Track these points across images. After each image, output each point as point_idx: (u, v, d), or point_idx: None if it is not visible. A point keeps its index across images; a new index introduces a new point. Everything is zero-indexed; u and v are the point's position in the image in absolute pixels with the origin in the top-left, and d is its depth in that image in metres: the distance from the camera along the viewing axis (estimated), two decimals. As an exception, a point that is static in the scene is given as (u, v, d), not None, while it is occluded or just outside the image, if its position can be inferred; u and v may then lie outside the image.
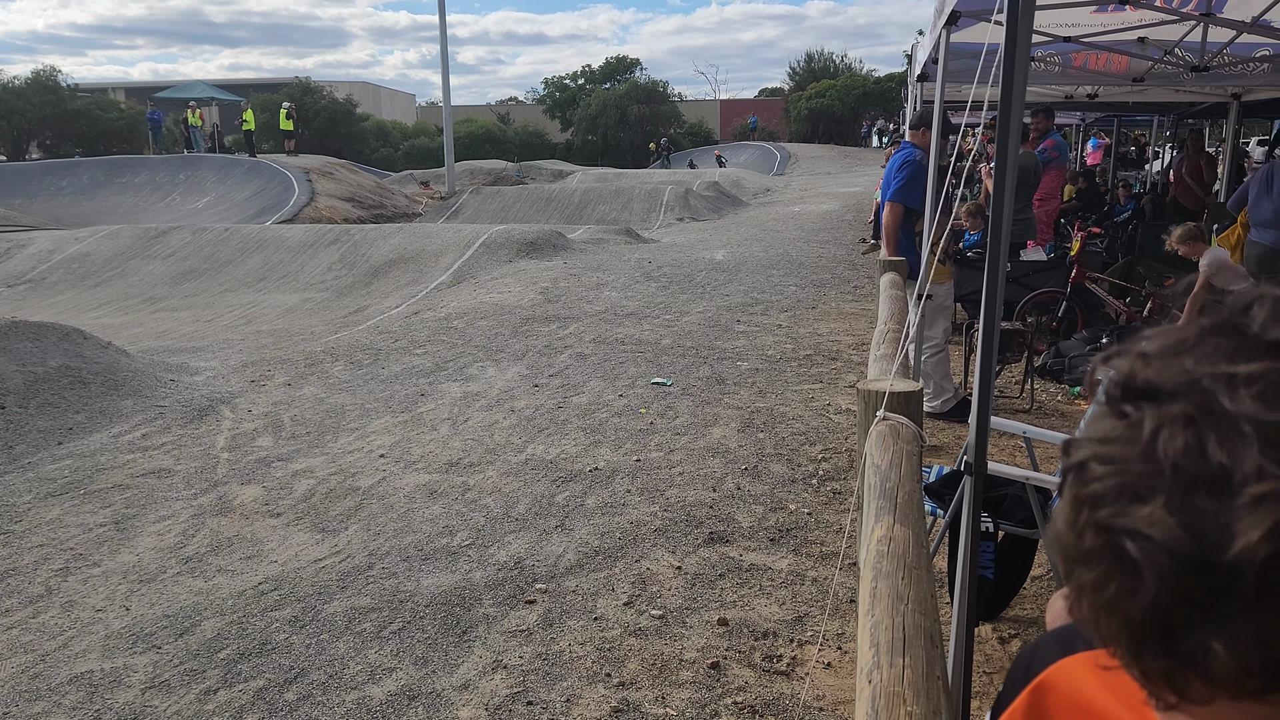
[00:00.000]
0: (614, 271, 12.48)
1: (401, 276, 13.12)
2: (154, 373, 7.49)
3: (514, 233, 14.33)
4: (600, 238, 16.26)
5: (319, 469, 5.61)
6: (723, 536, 4.51)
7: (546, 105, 61.82)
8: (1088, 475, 0.51)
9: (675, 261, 13.52)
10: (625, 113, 50.83)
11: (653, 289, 11.30)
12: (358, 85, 61.36)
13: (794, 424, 6.17)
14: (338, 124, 46.57)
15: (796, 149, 42.73)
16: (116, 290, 14.44)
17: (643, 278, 12.06)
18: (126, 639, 3.73)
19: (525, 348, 8.46)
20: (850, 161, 38.16)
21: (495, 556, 4.36)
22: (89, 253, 16.11)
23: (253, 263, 15.06)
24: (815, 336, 8.68)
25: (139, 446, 6.05)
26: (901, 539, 1.90)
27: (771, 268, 12.88)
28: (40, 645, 3.72)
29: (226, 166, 27.70)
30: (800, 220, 19.46)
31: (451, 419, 6.51)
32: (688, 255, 14.35)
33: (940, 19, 6.02)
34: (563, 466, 5.51)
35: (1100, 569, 0.50)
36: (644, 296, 10.82)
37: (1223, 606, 0.46)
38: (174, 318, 12.35)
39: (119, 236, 16.77)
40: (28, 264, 15.94)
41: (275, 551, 4.51)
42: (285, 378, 7.75)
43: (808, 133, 48.70)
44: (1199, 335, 0.51)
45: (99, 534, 4.77)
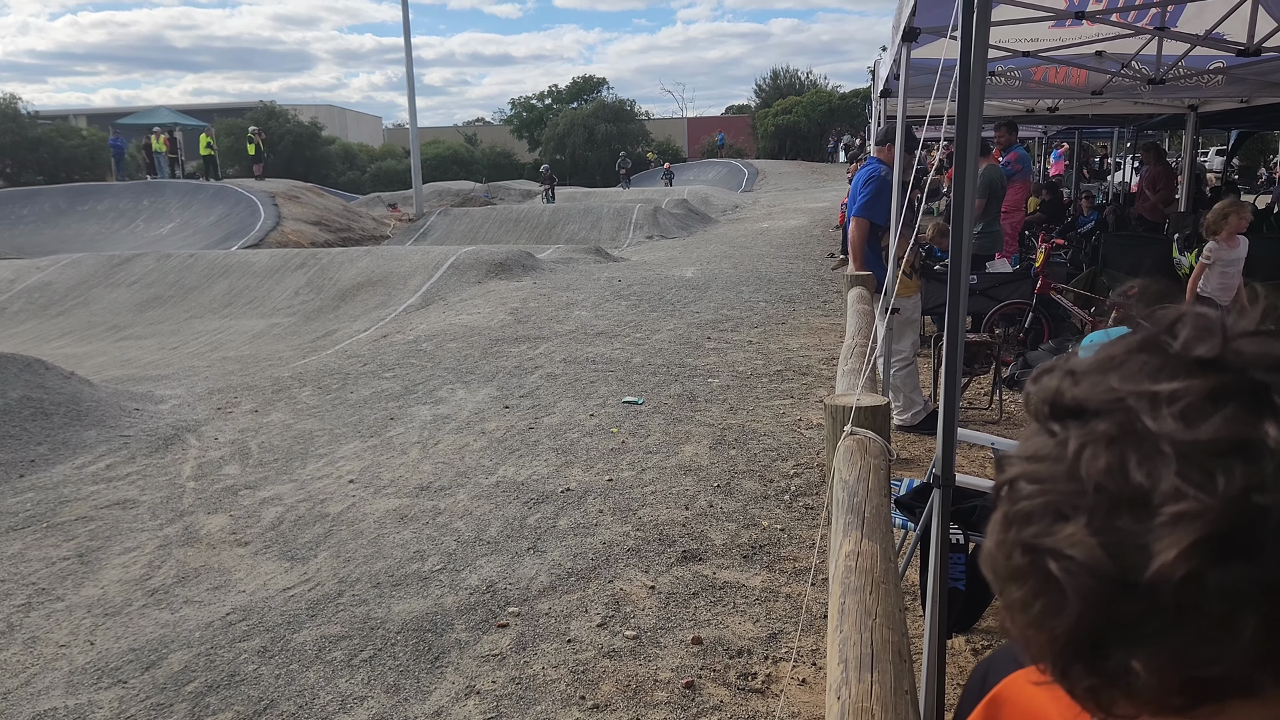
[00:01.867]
0: (584, 290, 12.48)
1: (370, 300, 13.04)
2: (118, 402, 7.39)
3: (483, 254, 14.30)
4: (570, 257, 16.26)
5: (287, 496, 5.54)
6: (696, 555, 4.50)
7: (514, 125, 61.88)
8: (1016, 494, 0.51)
9: (645, 279, 13.54)
10: (593, 132, 50.99)
11: (623, 307, 11.31)
12: (323, 108, 61.16)
13: (765, 440, 6.18)
14: (303, 147, 46.35)
15: (764, 165, 43.00)
16: (79, 319, 14.24)
17: (613, 296, 12.06)
18: (91, 674, 3.66)
19: (495, 369, 8.42)
20: (818, 177, 38.45)
21: (467, 580, 4.32)
22: (50, 281, 15.89)
23: (218, 289, 14.91)
24: (785, 352, 8.71)
25: (103, 477, 5.96)
26: (869, 554, 1.90)
27: (741, 284, 12.92)
28: (1, 683, 3.64)
29: (191, 192, 27.48)
30: (769, 236, 19.56)
31: (421, 442, 6.46)
32: (657, 273, 14.37)
33: (898, 35, 6.09)
34: (534, 488, 5.48)
35: (1026, 588, 0.50)
36: (614, 315, 10.81)
37: (1144, 625, 0.46)
38: (139, 346, 12.20)
39: (81, 265, 16.56)
40: (-12, 294, 15.69)
41: (243, 581, 4.45)
42: (252, 404, 7.66)
43: (775, 149, 49.05)
44: (1126, 353, 0.52)
45: (62, 568, 4.68)
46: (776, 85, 56.69)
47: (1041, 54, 7.12)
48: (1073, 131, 17.07)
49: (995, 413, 6.60)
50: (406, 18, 26.81)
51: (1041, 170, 19.88)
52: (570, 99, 60.29)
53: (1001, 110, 10.41)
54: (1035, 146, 19.94)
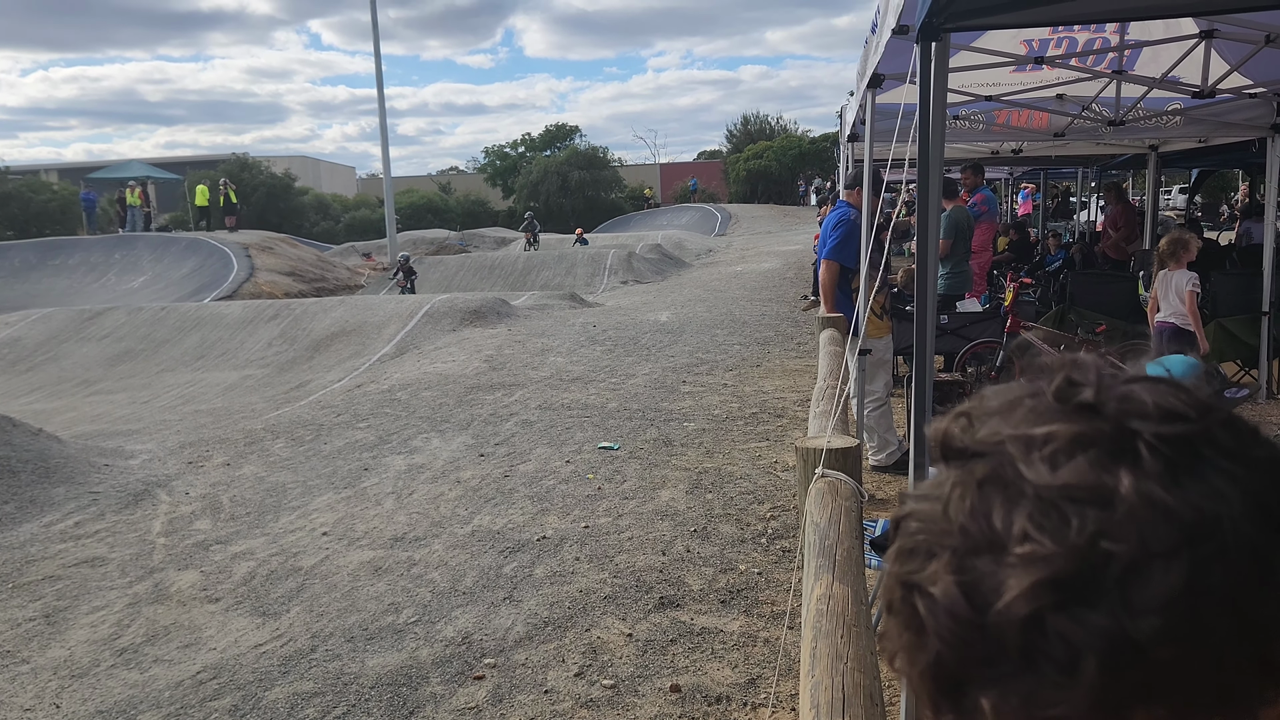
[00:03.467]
0: (559, 337, 12.49)
1: (344, 349, 12.99)
2: (87, 458, 7.29)
3: (457, 301, 14.30)
4: (544, 303, 16.29)
5: (259, 550, 5.47)
6: (673, 601, 4.48)
7: (488, 174, 62.22)
8: (903, 530, 0.52)
9: (620, 324, 13.57)
10: (566, 179, 51.32)
11: (598, 353, 11.32)
12: (296, 159, 61.24)
13: (742, 483, 6.17)
14: (277, 198, 46.30)
15: (737, 209, 43.37)
16: (49, 375, 14.09)
17: (588, 342, 12.08)
18: (55, 739, 3.58)
19: (470, 417, 8.39)
20: (790, 220, 38.83)
21: (442, 632, 4.27)
22: (20, 337, 15.73)
23: (190, 341, 14.81)
24: (760, 394, 8.74)
25: (71, 535, 5.86)
26: (840, 597, 1.90)
27: (716, 327, 12.98)
28: (-37, 751, 3.55)
29: (163, 245, 27.37)
30: (743, 279, 19.69)
31: (396, 493, 6.41)
32: (632, 318, 14.42)
33: (863, 81, 6.20)
34: (510, 536, 5.44)
35: (898, 622, 0.51)
36: (589, 360, 10.82)
37: (995, 666, 0.46)
38: (109, 400, 12.07)
39: (51, 320, 16.42)
40: (-44, 351, 15.51)
41: (214, 638, 4.37)
42: (224, 457, 7.59)
43: (747, 193, 49.53)
44: (1018, 398, 0.53)
45: (28, 629, 4.59)
46: (747, 130, 57.42)
47: (1004, 98, 7.27)
48: (1038, 172, 17.37)
49: (969, 451, 6.63)
50: (379, 70, 27.04)
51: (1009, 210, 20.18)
52: (544, 147, 60.77)
53: (967, 153, 10.59)
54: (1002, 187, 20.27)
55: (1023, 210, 21.82)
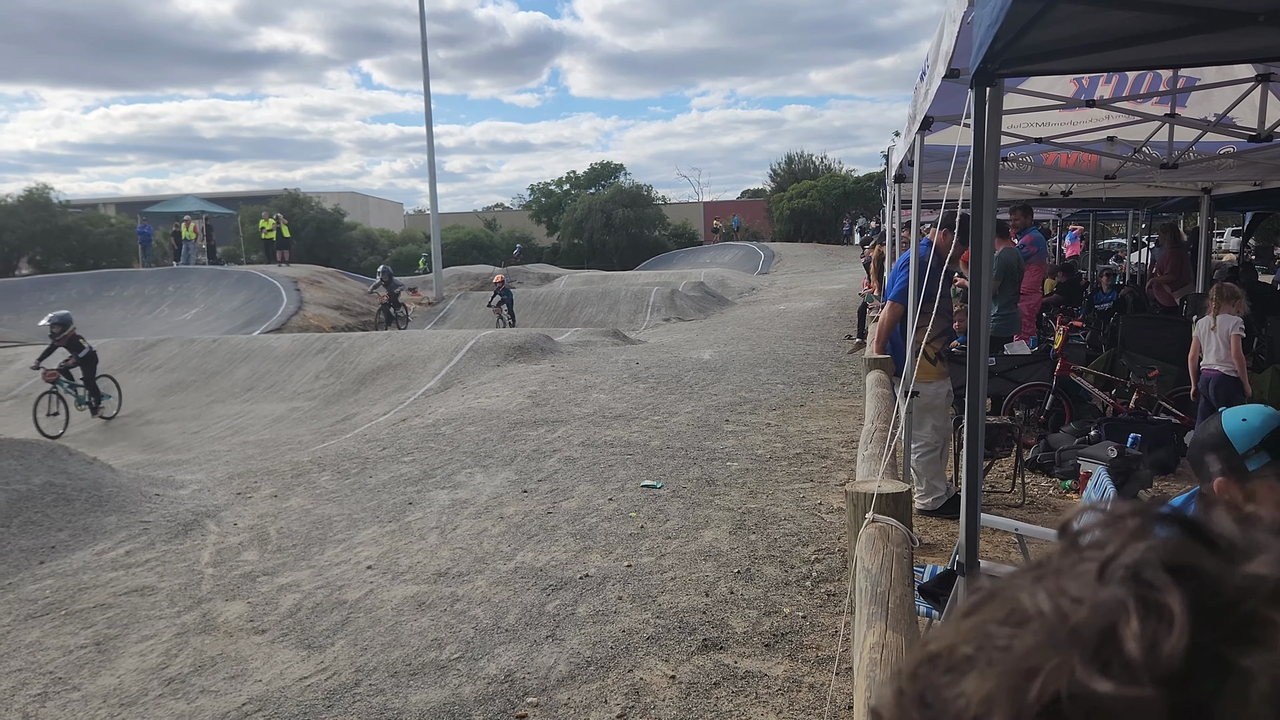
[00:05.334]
0: (602, 373, 12.53)
1: (389, 383, 13.13)
2: (139, 487, 7.42)
3: (501, 337, 14.42)
4: (588, 340, 16.37)
5: (305, 582, 5.52)
6: (717, 643, 4.43)
7: (532, 210, 62.89)
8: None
9: (663, 362, 13.59)
10: (610, 216, 51.68)
11: (641, 390, 11.33)
12: (346, 195, 62.35)
13: (786, 524, 6.12)
14: (326, 233, 47.11)
15: (780, 248, 43.41)
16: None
17: (631, 379, 12.10)
18: (104, 768, 3.61)
19: (514, 452, 8.42)
20: (833, 259, 38.76)
21: (485, 669, 4.26)
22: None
23: (240, 373, 15.06)
24: (804, 435, 8.68)
25: (122, 564, 5.95)
26: (895, 646, 1.88)
27: (759, 366, 12.95)
28: (14, 777, 3.60)
29: (215, 278, 27.95)
30: (786, 318, 19.66)
31: (440, 527, 6.44)
32: (675, 355, 14.43)
33: (914, 125, 6.21)
34: (553, 574, 5.44)
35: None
36: (632, 398, 10.84)
37: None
38: (161, 430, 12.29)
39: (106, 350, 16.77)
40: (14, 380, 15.90)
41: (260, 670, 4.40)
42: (272, 489, 7.68)
43: (790, 232, 49.55)
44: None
45: (79, 656, 4.66)
46: (791, 169, 57.52)
47: (1054, 139, 7.23)
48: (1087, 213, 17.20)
49: (1018, 496, 6.53)
50: (429, 109, 27.53)
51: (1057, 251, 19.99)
52: (588, 184, 61.33)
53: (1016, 194, 10.52)
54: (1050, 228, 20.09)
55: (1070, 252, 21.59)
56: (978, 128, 2.66)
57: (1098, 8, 2.45)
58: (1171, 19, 2.55)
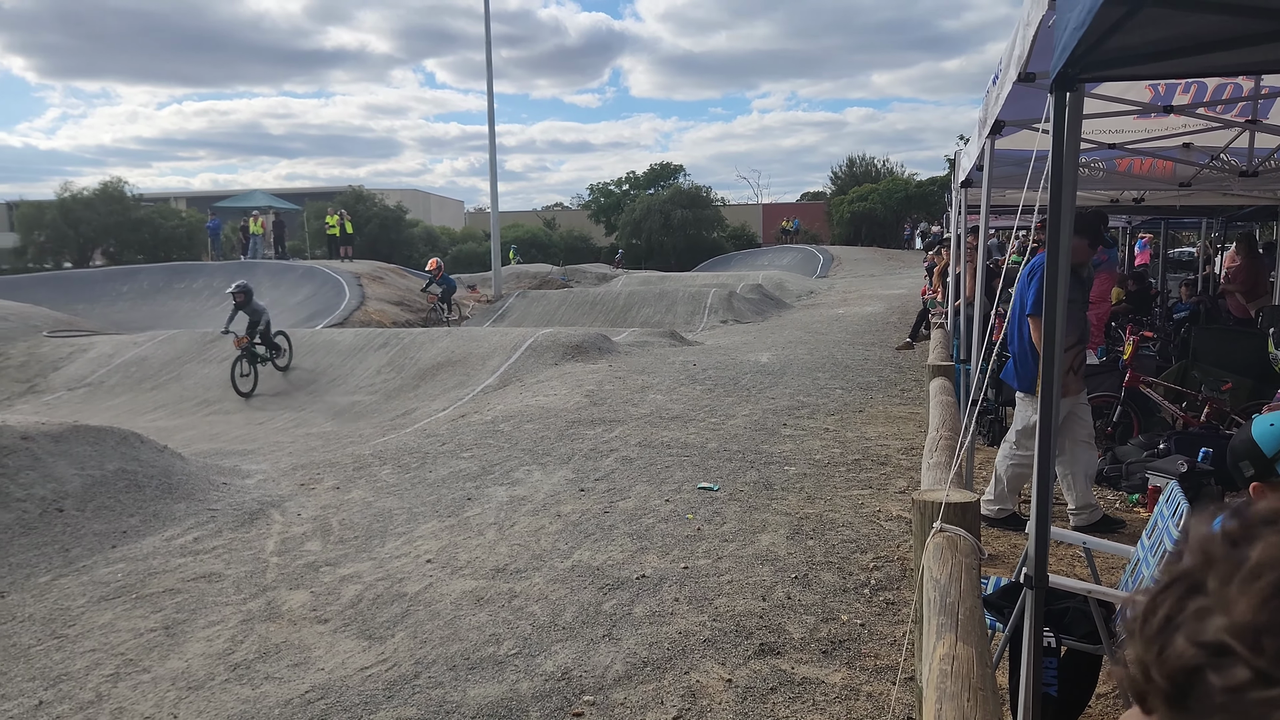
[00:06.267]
0: (659, 374, 12.54)
1: (449, 379, 13.28)
2: (207, 476, 7.59)
3: (560, 336, 14.50)
4: (645, 340, 16.39)
5: (366, 574, 5.60)
6: (773, 648, 4.41)
7: (591, 210, 63.18)
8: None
9: (720, 364, 13.56)
10: (669, 217, 51.70)
11: (698, 392, 11.32)
12: (408, 192, 63.21)
13: (844, 531, 6.07)
14: (388, 230, 47.87)
15: (839, 251, 43.07)
16: (172, 394, 14.76)
17: (688, 380, 12.09)
18: (172, 748, 3.70)
19: (571, 451, 8.46)
20: (894, 264, 38.35)
21: (542, 666, 4.29)
22: (146, 357, 16.54)
23: (304, 366, 15.34)
24: (863, 440, 8.60)
25: (190, 550, 6.10)
26: (965, 658, 1.85)
27: (817, 370, 12.86)
28: (87, 754, 3.71)
29: (281, 272, 28.50)
30: (844, 323, 19.49)
31: (498, 523, 6.50)
32: (732, 358, 14.39)
33: (985, 129, 6.11)
34: (609, 573, 5.45)
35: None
36: (689, 399, 10.83)
37: None
38: (226, 421, 12.57)
39: (175, 341, 17.22)
40: (88, 368, 16.39)
41: (322, 659, 4.48)
42: (334, 481, 7.81)
43: (850, 235, 49.15)
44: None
45: (149, 639, 4.79)
46: (852, 172, 57.06)
47: (1127, 145, 7.07)
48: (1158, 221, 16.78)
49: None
50: (491, 107, 27.78)
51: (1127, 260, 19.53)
52: (647, 185, 61.45)
53: (1086, 200, 10.30)
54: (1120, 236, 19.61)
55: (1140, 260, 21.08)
56: (1057, 133, 2.61)
57: (1185, 11, 2.39)
58: (1262, 23, 2.47)
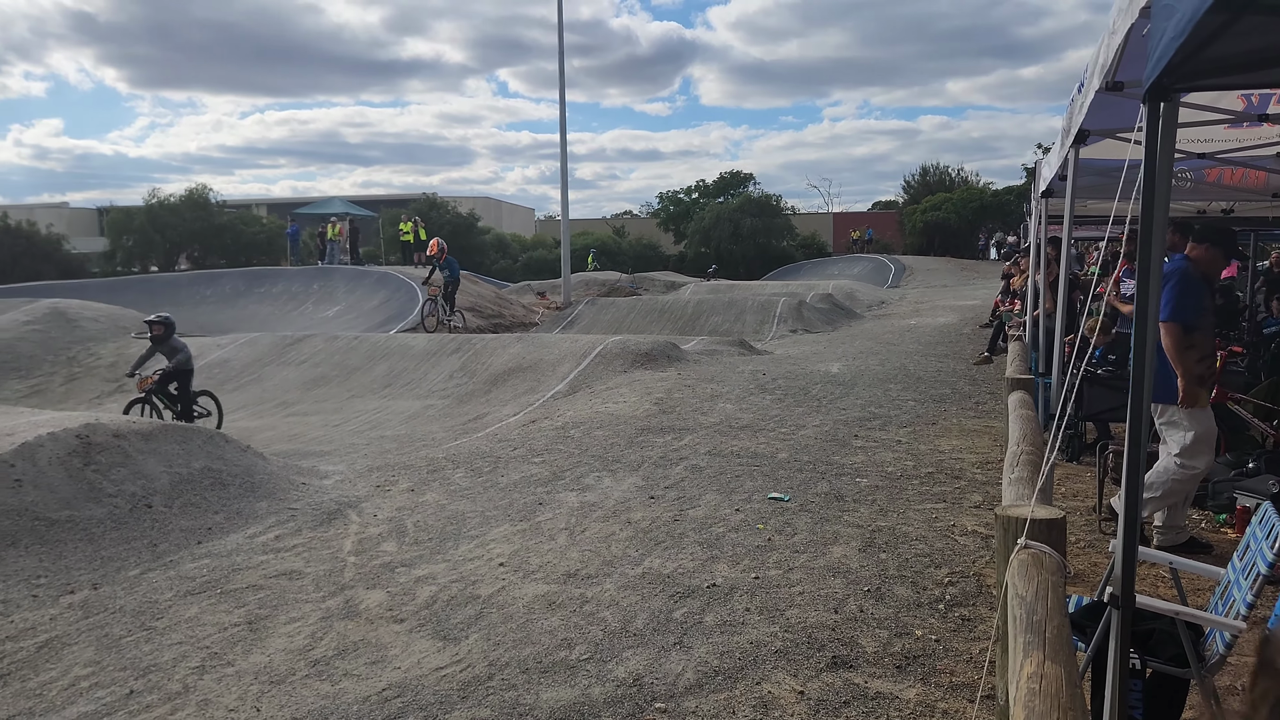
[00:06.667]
0: (728, 383, 12.52)
1: (520, 385, 13.42)
2: (287, 475, 7.79)
3: (629, 343, 14.56)
4: (714, 349, 16.37)
5: (440, 576, 5.69)
6: (846, 661, 4.38)
7: (660, 218, 63.30)
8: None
9: (790, 374, 13.48)
10: (738, 226, 51.58)
11: (767, 401, 11.27)
12: (480, 200, 64.03)
13: (917, 545, 5.99)
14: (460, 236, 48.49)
15: (911, 261, 42.52)
16: (253, 394, 15.16)
17: (757, 390, 12.05)
18: (256, 740, 3.81)
19: (641, 458, 8.50)
20: (968, 274, 37.73)
21: (614, 672, 4.31)
22: (229, 359, 17.02)
23: (379, 370, 15.64)
24: (937, 454, 8.48)
25: (272, 548, 6.27)
26: (1054, 677, 1.83)
27: (889, 381, 12.71)
28: (176, 743, 3.83)
29: (357, 277, 29.10)
30: (917, 333, 19.23)
31: (569, 529, 6.55)
32: (802, 367, 14.30)
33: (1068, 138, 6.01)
34: (680, 581, 5.46)
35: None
36: (759, 409, 10.79)
37: None
38: (305, 422, 12.87)
39: (257, 344, 17.69)
40: (174, 368, 16.89)
41: (398, 658, 4.57)
42: (409, 483, 7.95)
43: (923, 245, 48.49)
44: None
45: (233, 633, 4.93)
46: (925, 181, 56.29)
47: (1217, 155, 6.89)
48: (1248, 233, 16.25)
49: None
50: (563, 117, 28.06)
51: (1212, 272, 18.93)
52: (717, 193, 61.36)
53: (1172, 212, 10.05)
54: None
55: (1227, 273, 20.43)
56: (1150, 144, 2.56)
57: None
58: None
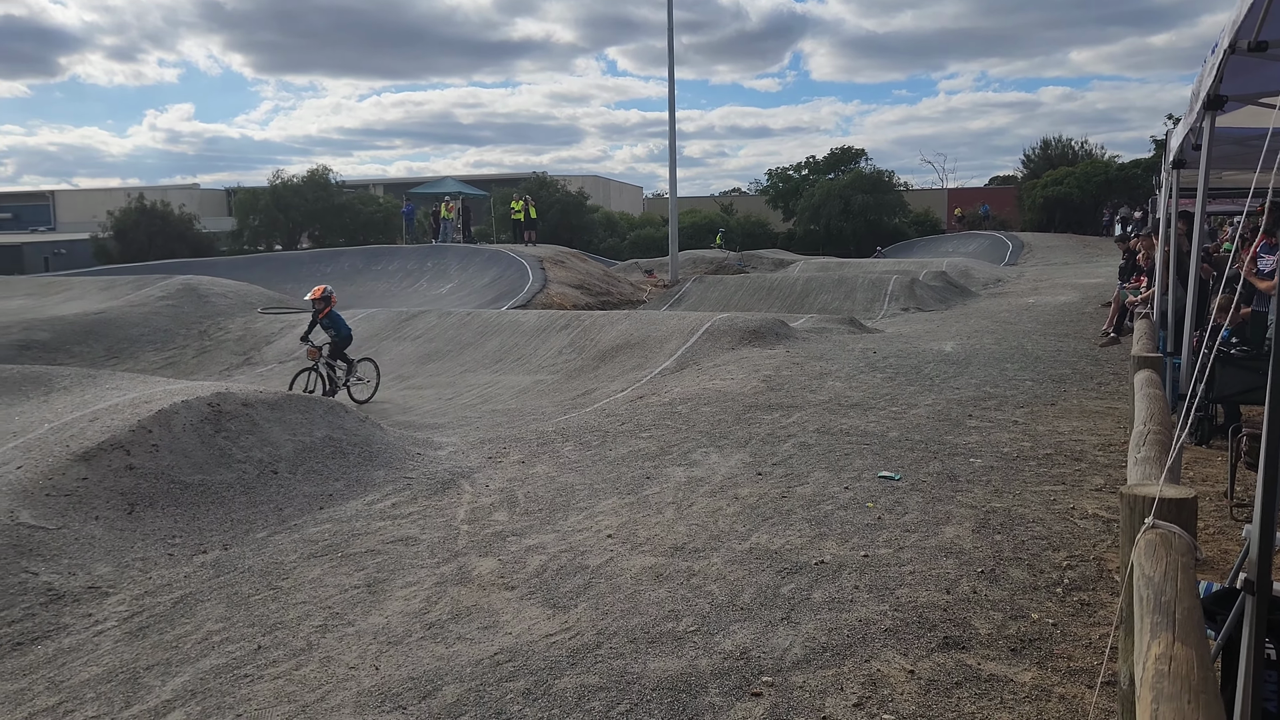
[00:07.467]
0: (837, 361, 12.35)
1: (627, 361, 13.51)
2: (403, 446, 8.03)
3: (737, 320, 14.49)
4: (823, 327, 16.17)
5: (550, 545, 5.80)
6: (958, 642, 4.29)
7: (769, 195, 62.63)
8: None
9: (901, 352, 13.23)
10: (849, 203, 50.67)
11: (878, 380, 11.09)
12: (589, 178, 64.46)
13: (1034, 527, 5.83)
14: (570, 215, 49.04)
15: (1030, 238, 41.08)
16: (370, 368, 15.64)
17: (867, 368, 11.86)
18: (376, 697, 3.97)
19: (748, 435, 8.47)
20: (1090, 251, 36.26)
21: (721, 645, 4.33)
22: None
23: (490, 345, 15.96)
24: (1055, 435, 8.21)
25: (389, 515, 6.48)
26: (1184, 659, 1.76)
27: (1005, 361, 12.35)
28: (301, 696, 4.02)
29: (468, 255, 29.71)
30: (1035, 312, 18.61)
31: (676, 503, 6.58)
32: (914, 346, 14.01)
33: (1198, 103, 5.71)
34: (787, 557, 5.44)
35: None
36: (869, 387, 10.62)
37: None
38: (419, 395, 13.24)
39: (375, 319, 18.24)
40: (297, 342, 17.57)
41: (510, 624, 4.68)
42: (519, 455, 8.11)
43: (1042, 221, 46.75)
44: None
45: (353, 595, 5.12)
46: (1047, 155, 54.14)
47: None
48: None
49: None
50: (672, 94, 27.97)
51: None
52: (827, 170, 60.33)
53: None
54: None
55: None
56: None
57: None
58: None
